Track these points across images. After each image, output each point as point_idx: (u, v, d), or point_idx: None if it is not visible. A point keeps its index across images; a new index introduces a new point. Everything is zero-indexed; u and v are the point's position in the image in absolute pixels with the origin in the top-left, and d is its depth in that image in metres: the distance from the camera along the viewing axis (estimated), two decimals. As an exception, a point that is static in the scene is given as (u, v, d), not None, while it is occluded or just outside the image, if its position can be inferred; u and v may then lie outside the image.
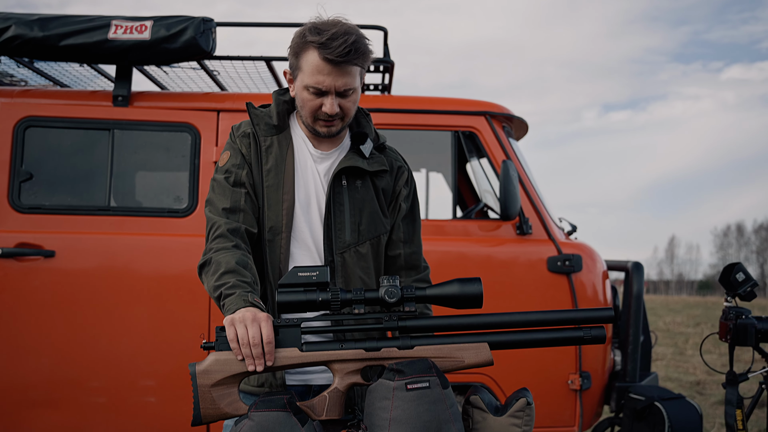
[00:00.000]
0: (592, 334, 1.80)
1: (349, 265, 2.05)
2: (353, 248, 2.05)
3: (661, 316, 19.83)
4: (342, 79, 1.94)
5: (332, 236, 2.04)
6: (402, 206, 2.16)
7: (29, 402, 3.55)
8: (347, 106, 2.00)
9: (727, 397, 2.93)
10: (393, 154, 2.22)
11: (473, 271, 3.74)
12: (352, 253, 2.05)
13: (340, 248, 2.04)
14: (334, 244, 2.04)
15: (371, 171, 2.10)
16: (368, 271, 2.09)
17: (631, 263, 4.14)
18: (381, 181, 2.13)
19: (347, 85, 1.96)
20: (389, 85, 4.40)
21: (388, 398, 1.65)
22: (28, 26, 3.59)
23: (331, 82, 1.94)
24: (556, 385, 3.73)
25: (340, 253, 2.04)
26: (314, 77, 1.94)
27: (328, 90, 1.95)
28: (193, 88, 4.56)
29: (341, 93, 1.97)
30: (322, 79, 1.93)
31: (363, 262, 2.07)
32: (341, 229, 2.04)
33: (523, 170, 3.95)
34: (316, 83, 1.94)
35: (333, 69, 1.92)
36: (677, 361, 10.25)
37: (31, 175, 3.69)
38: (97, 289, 3.60)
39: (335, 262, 2.04)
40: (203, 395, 1.71)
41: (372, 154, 2.13)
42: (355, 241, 2.06)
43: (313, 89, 1.95)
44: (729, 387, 2.94)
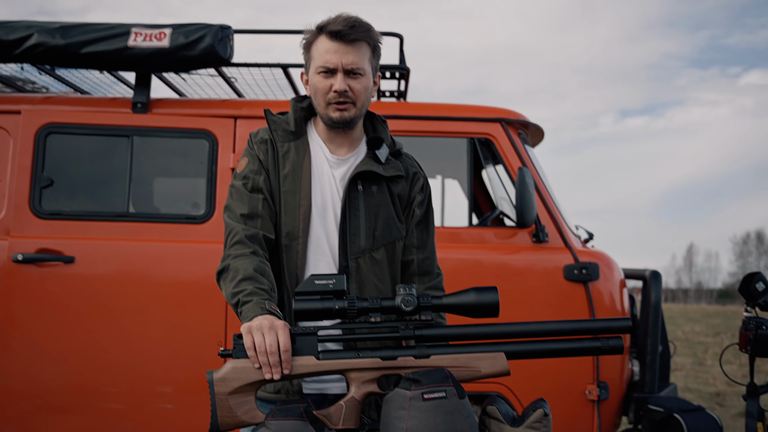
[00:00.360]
0: (610, 345, 1.79)
1: (363, 270, 2.05)
2: (368, 254, 2.06)
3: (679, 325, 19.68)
4: (349, 56, 2.01)
5: (347, 241, 2.05)
6: (416, 212, 2.17)
7: (47, 407, 3.58)
8: (357, 88, 2.04)
9: (748, 409, 2.90)
10: (409, 160, 2.23)
11: (489, 279, 3.73)
12: (366, 259, 2.06)
13: (355, 253, 2.05)
14: (348, 249, 2.04)
15: (387, 176, 2.11)
16: (383, 277, 2.09)
17: (649, 272, 4.11)
18: (396, 187, 2.14)
19: (355, 64, 2.02)
20: (405, 92, 4.40)
21: (405, 408, 1.64)
22: (50, 34, 3.63)
23: (338, 59, 2.00)
24: (573, 396, 3.71)
25: (355, 259, 2.05)
26: (323, 57, 2.02)
27: (336, 67, 2.01)
28: (211, 95, 4.59)
29: (349, 72, 2.02)
30: (329, 57, 2.01)
31: (377, 268, 2.08)
32: (356, 234, 2.05)
33: (539, 177, 3.94)
34: (325, 62, 2.01)
35: (339, 46, 2.00)
36: (697, 372, 10.16)
37: (51, 181, 3.72)
38: (116, 295, 3.63)
39: (350, 267, 2.04)
40: (221, 403, 1.72)
41: (388, 160, 2.14)
42: (370, 246, 2.06)
43: (322, 69, 2.02)
44: (750, 399, 2.90)
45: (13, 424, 3.56)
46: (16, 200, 3.67)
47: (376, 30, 2.09)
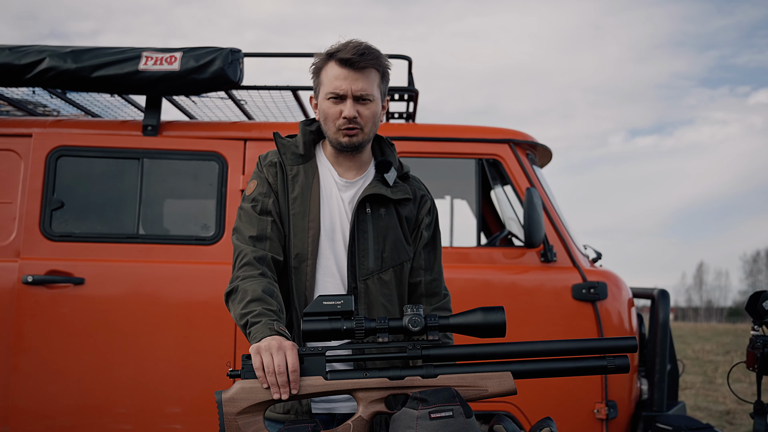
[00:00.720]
0: (616, 364, 1.80)
1: (372, 292, 2.07)
2: (376, 275, 2.08)
3: (689, 344, 19.57)
4: (358, 83, 2.04)
5: (356, 263, 2.07)
6: (423, 234, 2.19)
7: (57, 427, 3.59)
8: (365, 114, 2.07)
9: (756, 427, 2.89)
10: (416, 183, 2.25)
11: (497, 298, 3.74)
12: (375, 280, 2.08)
13: (364, 275, 2.07)
14: (357, 270, 2.07)
15: (395, 199, 2.13)
16: (391, 298, 2.11)
17: (657, 290, 4.11)
18: (404, 210, 2.16)
19: (364, 90, 2.04)
20: (414, 114, 4.44)
21: (412, 427, 1.66)
22: (61, 58, 3.69)
23: (348, 86, 2.03)
24: (582, 414, 3.70)
25: (364, 280, 2.07)
26: (332, 84, 2.05)
27: (346, 94, 2.04)
28: (221, 117, 4.63)
29: (358, 98, 2.05)
30: (339, 84, 2.04)
31: (386, 289, 2.09)
32: (365, 256, 2.07)
33: (547, 197, 3.96)
34: (335, 89, 2.04)
35: (349, 73, 2.03)
36: (707, 390, 10.10)
37: (62, 203, 3.76)
38: (126, 316, 3.65)
39: (358, 288, 2.06)
40: (229, 423, 1.73)
41: (396, 183, 2.17)
42: (379, 268, 2.08)
43: (332, 95, 2.05)
44: (757, 417, 2.90)
45: (23, 445, 3.58)
46: (26, 222, 3.71)
47: (384, 56, 2.12)
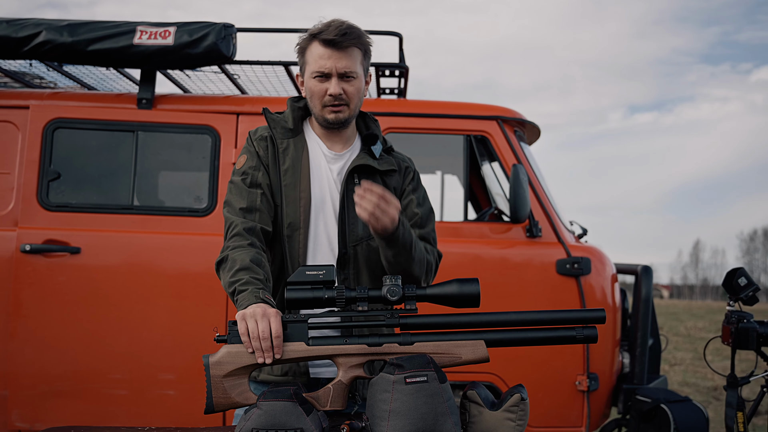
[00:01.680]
0: (585, 334, 1.88)
1: (361, 257, 2.18)
2: (365, 242, 2.19)
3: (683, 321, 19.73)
4: (342, 62, 2.12)
5: (346, 230, 2.17)
6: (412, 197, 2.29)
7: (53, 392, 3.70)
8: (350, 91, 2.16)
9: (728, 399, 3.00)
10: (400, 156, 2.35)
11: (483, 272, 3.83)
12: (364, 246, 2.19)
13: (353, 241, 2.17)
14: (347, 237, 2.17)
15: (381, 170, 2.23)
16: (377, 263, 2.21)
17: (640, 267, 4.21)
18: (391, 180, 2.26)
19: (348, 68, 2.13)
20: (404, 90, 4.49)
21: (388, 391, 1.74)
22: (57, 32, 3.74)
23: (333, 64, 2.12)
24: (563, 386, 3.81)
25: (353, 246, 2.18)
26: (318, 63, 2.13)
27: (330, 72, 2.12)
28: (215, 91, 4.69)
29: (343, 75, 2.13)
30: (324, 63, 2.12)
31: (374, 255, 2.20)
32: (354, 224, 2.18)
33: (534, 174, 4.03)
34: (320, 67, 2.12)
35: (333, 52, 2.12)
36: (696, 367, 10.23)
37: (59, 174, 3.84)
38: (120, 285, 3.74)
39: (348, 254, 2.17)
40: (216, 385, 1.82)
41: (381, 156, 2.26)
42: (368, 235, 2.18)
43: (318, 74, 2.13)
44: (730, 389, 3.00)
45: (21, 409, 3.69)
46: (24, 192, 3.79)
47: (366, 34, 2.20)
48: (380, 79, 4.31)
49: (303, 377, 2.12)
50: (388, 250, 2.06)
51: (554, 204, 4.09)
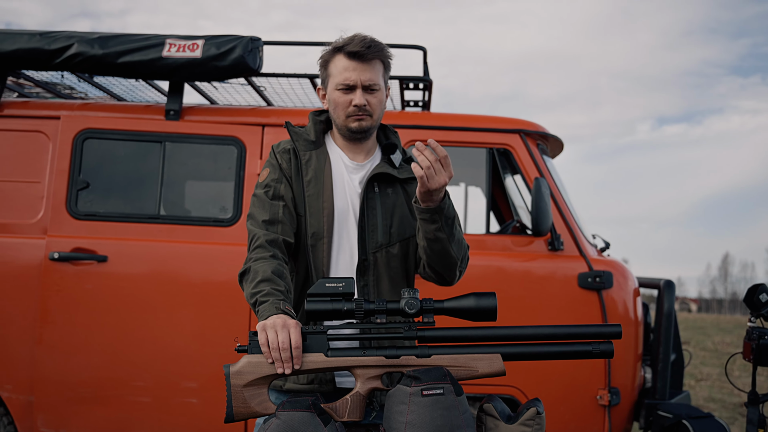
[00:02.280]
0: (601, 349, 1.90)
1: (380, 264, 2.22)
2: (385, 248, 2.22)
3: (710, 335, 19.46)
4: (366, 74, 2.19)
5: (366, 237, 2.21)
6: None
7: (78, 398, 3.76)
8: (373, 102, 2.22)
9: (749, 416, 2.98)
10: None
11: (504, 285, 3.84)
12: (383, 253, 2.22)
13: (373, 248, 2.21)
14: (367, 244, 2.21)
15: (401, 178, 2.28)
16: (398, 270, 2.24)
17: (663, 281, 4.19)
18: (411, 188, 2.30)
19: (371, 80, 2.19)
20: (428, 103, 4.53)
21: (405, 403, 1.77)
22: (89, 44, 3.83)
23: (357, 76, 2.18)
24: (584, 400, 3.80)
25: (373, 253, 2.21)
26: (342, 75, 2.19)
27: (355, 84, 2.18)
28: (241, 102, 4.75)
29: (366, 87, 2.19)
30: (348, 75, 2.18)
31: (393, 262, 2.23)
32: (374, 231, 2.21)
33: (556, 187, 4.04)
34: (345, 80, 2.18)
35: (357, 65, 2.18)
36: (722, 382, 10.10)
37: (87, 183, 3.91)
38: (146, 293, 3.80)
39: (368, 260, 2.20)
40: (236, 394, 1.86)
41: (401, 165, 2.32)
42: (387, 242, 2.22)
43: (342, 86, 2.19)
44: (750, 407, 2.98)
45: (46, 414, 3.75)
46: (53, 201, 3.87)
47: (387, 47, 2.26)
48: (404, 91, 4.35)
49: (329, 385, 2.15)
50: (430, 225, 2.05)
51: (576, 217, 4.09)
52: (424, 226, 2.06)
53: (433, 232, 2.05)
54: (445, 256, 2.11)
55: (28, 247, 3.84)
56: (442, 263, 2.13)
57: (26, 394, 3.77)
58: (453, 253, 2.11)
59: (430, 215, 2.03)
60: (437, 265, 2.15)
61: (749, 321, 3.07)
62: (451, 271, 2.17)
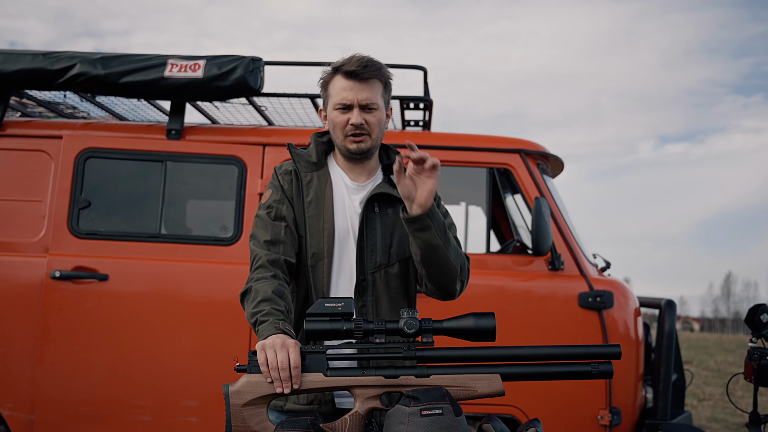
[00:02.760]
0: (600, 369, 1.90)
1: (379, 284, 2.21)
2: (384, 269, 2.22)
3: (713, 355, 19.37)
4: (363, 93, 2.19)
5: (365, 257, 2.21)
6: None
7: (79, 417, 3.75)
8: (371, 121, 2.22)
9: (750, 437, 2.97)
10: None
11: (505, 304, 3.84)
12: (382, 273, 2.22)
13: (372, 268, 2.21)
14: (366, 264, 2.20)
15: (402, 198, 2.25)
16: (398, 290, 2.24)
17: (664, 301, 4.19)
18: None
19: (369, 99, 2.20)
20: (429, 122, 4.55)
21: (404, 423, 1.77)
22: (91, 64, 3.86)
23: (354, 96, 2.18)
24: (585, 420, 3.78)
25: (372, 273, 2.21)
26: (340, 95, 2.20)
27: (352, 103, 2.19)
28: (242, 121, 4.78)
29: (364, 107, 2.20)
30: (345, 95, 2.19)
31: (393, 282, 2.23)
32: (373, 251, 2.21)
33: (556, 207, 4.05)
34: (342, 99, 2.19)
35: (354, 84, 2.19)
36: (725, 402, 10.03)
37: (89, 202, 3.93)
38: (147, 312, 3.81)
39: (367, 281, 2.20)
40: (235, 414, 1.86)
41: None
42: (386, 262, 2.22)
43: (340, 105, 2.20)
44: (752, 427, 2.97)
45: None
46: (55, 220, 3.88)
47: (386, 67, 2.27)
48: (405, 111, 4.37)
49: (328, 406, 2.15)
50: (423, 233, 2.02)
51: (577, 237, 4.10)
52: (418, 236, 2.03)
53: (427, 240, 2.03)
54: (444, 266, 2.09)
55: (30, 266, 3.84)
56: (442, 274, 2.10)
57: (27, 412, 3.76)
58: (452, 260, 2.10)
59: (421, 222, 2.01)
60: (438, 278, 2.12)
61: (750, 341, 3.06)
62: (453, 282, 2.14)
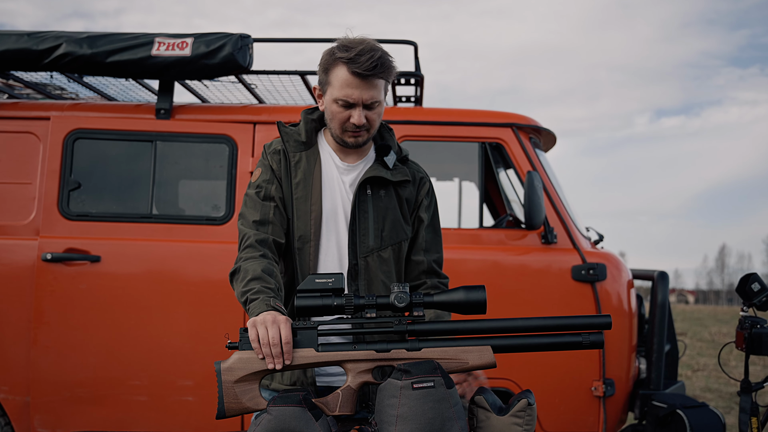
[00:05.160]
0: (591, 340, 1.90)
1: (372, 268, 2.19)
2: (376, 253, 2.20)
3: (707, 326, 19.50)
4: (369, 92, 2.10)
5: (357, 241, 2.18)
6: (423, 216, 2.29)
7: (74, 398, 3.76)
8: (373, 117, 2.16)
9: (741, 404, 2.99)
10: (415, 166, 2.35)
11: (499, 278, 3.85)
12: (375, 258, 2.20)
13: (364, 252, 2.19)
14: (358, 248, 2.18)
15: (395, 181, 2.24)
16: (390, 274, 2.23)
17: (656, 273, 4.20)
18: (404, 191, 2.27)
19: (373, 98, 2.11)
20: (420, 98, 4.52)
21: (396, 396, 1.77)
22: (77, 44, 3.82)
23: (359, 95, 2.09)
24: (579, 392, 3.81)
25: (364, 257, 2.19)
26: (343, 90, 2.09)
27: (356, 102, 2.10)
28: (232, 100, 4.74)
29: (368, 105, 2.12)
30: (350, 92, 2.09)
31: (385, 266, 2.21)
32: (365, 235, 2.19)
33: (549, 181, 4.04)
34: (345, 96, 2.09)
35: (361, 83, 2.08)
36: (719, 372, 10.12)
37: (79, 184, 3.91)
38: (140, 293, 3.80)
39: (359, 265, 2.18)
40: (227, 391, 1.86)
41: (395, 166, 2.27)
42: (378, 246, 2.20)
43: (342, 102, 2.11)
44: (743, 395, 3.00)
45: (42, 415, 3.75)
46: (45, 202, 3.86)
47: (394, 62, 2.15)
48: (396, 87, 4.34)
49: (311, 386, 2.14)
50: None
51: (570, 210, 4.10)
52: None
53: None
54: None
55: (21, 249, 3.83)
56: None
57: (22, 394, 3.77)
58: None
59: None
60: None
61: (741, 310, 3.08)
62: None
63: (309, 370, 2.13)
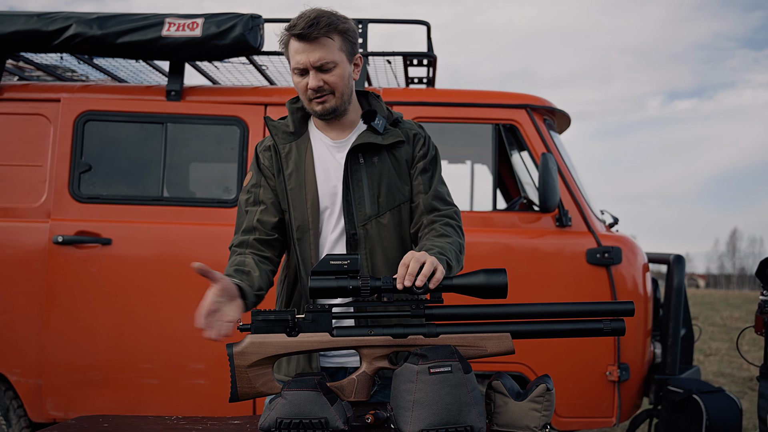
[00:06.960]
0: (612, 327, 1.85)
1: (372, 236, 2.16)
2: (374, 219, 2.16)
3: (718, 310, 19.44)
4: (315, 54, 2.06)
5: (353, 210, 2.15)
6: (419, 166, 2.24)
7: (86, 382, 3.75)
8: (332, 80, 2.10)
9: (761, 390, 2.94)
10: (408, 124, 2.29)
11: (512, 262, 3.80)
12: (373, 225, 2.16)
13: (362, 221, 2.15)
14: (355, 217, 2.15)
15: (387, 144, 2.19)
16: (391, 240, 2.18)
17: (672, 256, 4.15)
18: (400, 152, 2.22)
19: (322, 59, 2.06)
20: (433, 79, 4.47)
21: (412, 381, 1.73)
22: (87, 25, 3.78)
23: (306, 59, 2.06)
24: (594, 376, 3.77)
25: (363, 226, 2.15)
26: (294, 59, 2.09)
27: (306, 66, 2.07)
28: (243, 82, 4.70)
29: (320, 68, 2.08)
30: (299, 58, 2.07)
31: (385, 232, 2.17)
32: (361, 203, 2.15)
33: (563, 163, 3.99)
34: (296, 63, 2.08)
35: (305, 46, 2.06)
36: (732, 357, 10.08)
37: (90, 166, 3.88)
38: (151, 275, 3.78)
39: (358, 234, 2.15)
40: (240, 375, 1.83)
41: (387, 129, 2.22)
42: (376, 212, 2.16)
43: (297, 70, 2.10)
44: (763, 380, 2.95)
45: (55, 398, 3.75)
46: (56, 185, 3.84)
47: (339, 17, 2.11)
48: (408, 68, 4.29)
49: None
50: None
51: (584, 193, 4.04)
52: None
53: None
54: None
55: (32, 231, 3.81)
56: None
57: (35, 378, 3.77)
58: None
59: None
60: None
61: (761, 294, 3.03)
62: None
63: (314, 360, 2.12)
